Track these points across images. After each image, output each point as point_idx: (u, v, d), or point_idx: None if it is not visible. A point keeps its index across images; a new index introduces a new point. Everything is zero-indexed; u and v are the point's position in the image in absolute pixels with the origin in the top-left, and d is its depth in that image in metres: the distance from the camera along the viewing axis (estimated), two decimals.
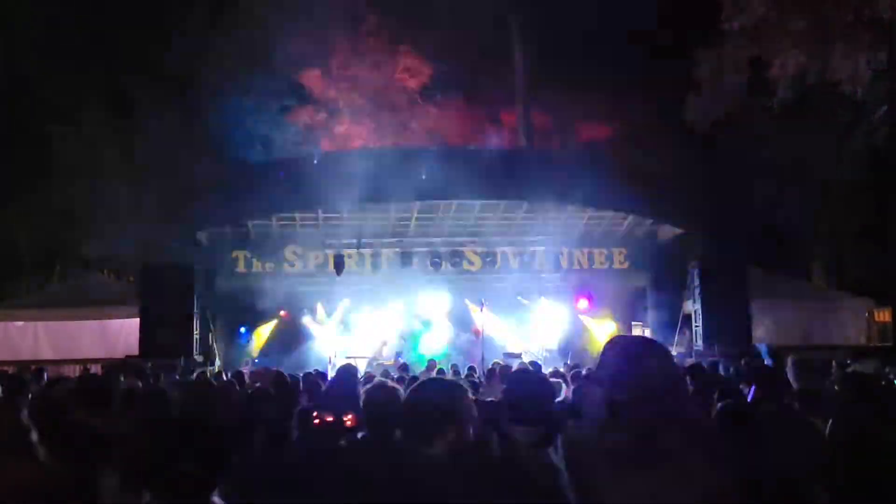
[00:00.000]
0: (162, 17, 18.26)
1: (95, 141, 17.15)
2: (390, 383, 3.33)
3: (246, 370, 11.44)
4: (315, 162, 14.53)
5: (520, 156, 18.09)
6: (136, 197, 15.17)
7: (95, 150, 17.09)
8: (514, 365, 9.06)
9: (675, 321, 14.24)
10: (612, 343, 1.84)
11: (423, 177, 12.65)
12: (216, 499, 2.15)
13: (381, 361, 14.15)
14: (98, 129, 17.26)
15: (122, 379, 6.20)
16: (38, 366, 8.77)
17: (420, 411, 2.22)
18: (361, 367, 12.01)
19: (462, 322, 15.85)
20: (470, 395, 2.46)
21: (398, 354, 14.57)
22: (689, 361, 10.46)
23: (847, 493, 2.81)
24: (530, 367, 7.90)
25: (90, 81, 17.36)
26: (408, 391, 2.54)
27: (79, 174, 16.85)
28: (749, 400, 4.34)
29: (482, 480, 2.08)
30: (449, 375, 8.73)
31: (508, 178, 13.53)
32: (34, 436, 3.07)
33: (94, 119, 17.29)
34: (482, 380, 8.48)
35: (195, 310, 12.95)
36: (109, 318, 13.54)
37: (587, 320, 15.88)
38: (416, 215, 14.47)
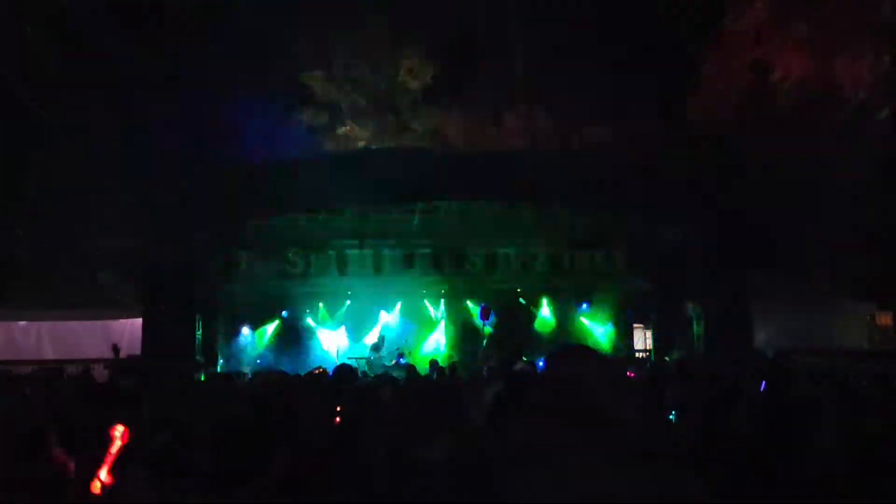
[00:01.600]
0: (162, 16, 18.21)
1: (96, 140, 17.13)
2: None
3: (248, 371, 11.48)
4: (316, 163, 14.55)
5: (521, 156, 18.06)
6: (137, 197, 15.16)
7: (96, 150, 17.08)
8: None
9: (677, 324, 14.25)
10: (551, 351, 1.90)
11: (425, 178, 12.68)
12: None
13: (382, 362, 14.16)
14: (99, 127, 17.24)
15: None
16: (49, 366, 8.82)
17: (417, 414, 2.22)
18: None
19: (462, 323, 15.86)
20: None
21: (399, 356, 14.57)
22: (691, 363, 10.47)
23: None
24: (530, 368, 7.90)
25: (90, 81, 17.33)
26: (406, 395, 2.56)
27: (80, 173, 16.84)
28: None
29: (479, 480, 2.08)
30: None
31: (510, 179, 13.54)
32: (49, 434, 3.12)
33: (94, 118, 17.26)
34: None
35: (197, 310, 12.98)
36: (112, 319, 13.58)
37: (588, 323, 15.88)
38: (417, 216, 14.49)
